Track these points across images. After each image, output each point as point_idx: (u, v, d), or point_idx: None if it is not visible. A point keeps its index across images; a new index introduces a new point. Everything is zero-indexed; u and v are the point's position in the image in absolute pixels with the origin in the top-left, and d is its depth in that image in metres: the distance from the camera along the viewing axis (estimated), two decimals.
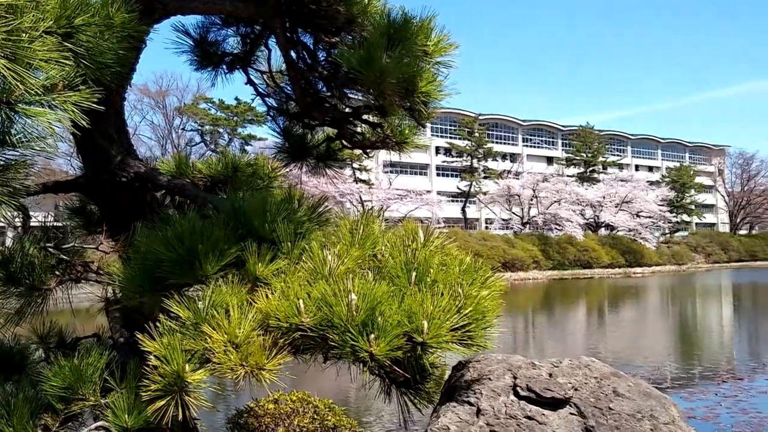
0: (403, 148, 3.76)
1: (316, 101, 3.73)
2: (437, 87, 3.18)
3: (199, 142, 58.91)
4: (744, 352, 16.02)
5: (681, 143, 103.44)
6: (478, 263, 2.82)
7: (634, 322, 24.25)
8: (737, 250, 77.59)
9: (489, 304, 2.62)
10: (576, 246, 61.40)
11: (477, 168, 70.64)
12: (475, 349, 2.65)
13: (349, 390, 10.21)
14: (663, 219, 72.67)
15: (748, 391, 10.41)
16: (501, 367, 2.79)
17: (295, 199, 3.08)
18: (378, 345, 2.33)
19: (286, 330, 2.49)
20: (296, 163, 4.21)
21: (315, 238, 2.80)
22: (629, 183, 72.58)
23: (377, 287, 2.40)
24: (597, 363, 2.79)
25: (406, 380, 2.99)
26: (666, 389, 10.23)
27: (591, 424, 2.50)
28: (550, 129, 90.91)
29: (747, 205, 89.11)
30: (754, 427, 8.16)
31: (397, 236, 2.83)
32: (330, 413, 4.66)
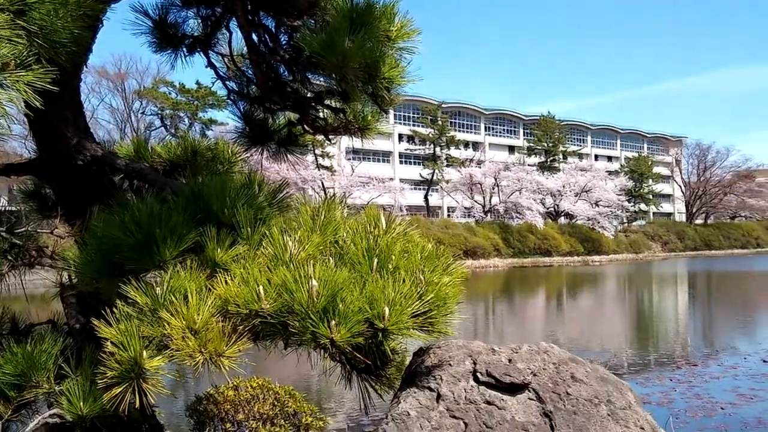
0: (365, 134, 3.74)
1: (277, 85, 3.69)
2: (400, 72, 3.17)
3: (159, 126, 58.05)
4: (698, 339, 16.39)
5: (640, 133, 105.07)
6: (439, 250, 2.83)
7: (591, 309, 24.64)
8: (693, 239, 79.29)
9: (450, 291, 2.63)
10: (536, 234, 62.13)
11: (440, 156, 70.90)
12: (436, 335, 2.65)
13: (311, 377, 10.19)
14: (621, 208, 73.89)
15: (702, 376, 10.66)
16: (461, 352, 2.81)
17: (256, 184, 3.04)
18: (339, 331, 2.31)
19: (246, 316, 2.46)
20: (257, 148, 4.16)
21: (276, 223, 2.77)
22: (589, 172, 73.57)
23: (338, 273, 2.39)
24: (555, 349, 2.82)
25: (368, 366, 2.98)
26: (623, 375, 10.43)
27: (549, 409, 2.53)
28: (512, 118, 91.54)
29: (703, 195, 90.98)
30: (706, 412, 8.36)
31: (359, 223, 2.82)
32: (290, 399, 4.64)
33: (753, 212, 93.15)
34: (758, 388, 9.61)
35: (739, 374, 10.71)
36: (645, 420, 2.66)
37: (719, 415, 8.19)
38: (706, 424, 7.78)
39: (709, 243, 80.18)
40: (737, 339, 15.62)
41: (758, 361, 11.89)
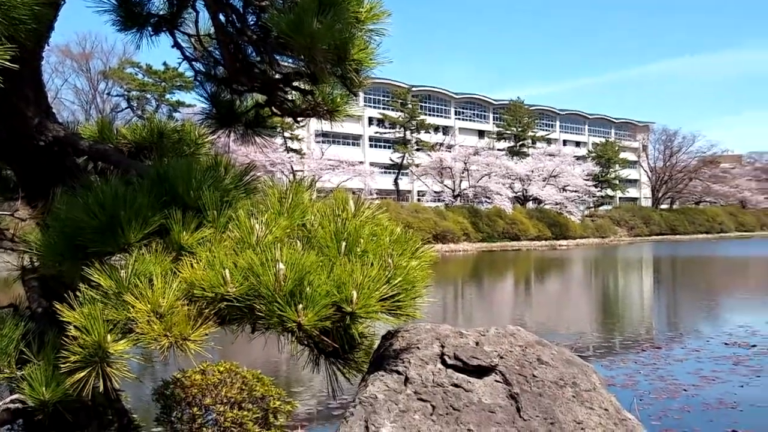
0: (334, 117, 3.71)
1: (245, 66, 3.64)
2: (369, 55, 3.14)
3: (126, 108, 57.14)
4: (662, 322, 16.68)
5: (607, 119, 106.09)
6: (408, 234, 2.82)
7: (558, 293, 24.94)
8: (658, 224, 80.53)
9: (418, 274, 2.63)
10: (505, 219, 62.63)
11: (410, 140, 70.92)
12: (404, 319, 2.66)
13: (280, 361, 10.18)
14: (588, 193, 74.72)
15: (666, 359, 10.85)
16: (429, 336, 2.81)
17: (222, 166, 3.00)
18: (306, 315, 2.30)
19: (212, 300, 2.44)
20: (224, 130, 4.10)
21: (242, 206, 2.74)
22: (557, 157, 74.26)
23: (306, 257, 2.37)
24: (522, 332, 2.84)
25: (335, 350, 2.98)
26: (588, 358, 10.58)
27: (515, 391, 2.55)
28: (482, 103, 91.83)
29: (669, 180, 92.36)
30: (670, 393, 8.52)
31: (327, 206, 2.80)
32: (258, 383, 4.63)
33: (717, 198, 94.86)
34: (720, 371, 9.82)
35: (702, 357, 10.93)
36: (609, 402, 2.69)
37: (682, 397, 8.35)
38: (670, 406, 7.93)
39: (674, 228, 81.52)
40: (700, 323, 15.93)
41: (720, 344, 12.14)
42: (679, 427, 7.05)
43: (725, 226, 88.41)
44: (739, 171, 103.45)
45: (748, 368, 9.95)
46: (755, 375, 9.48)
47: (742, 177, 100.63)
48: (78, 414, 3.01)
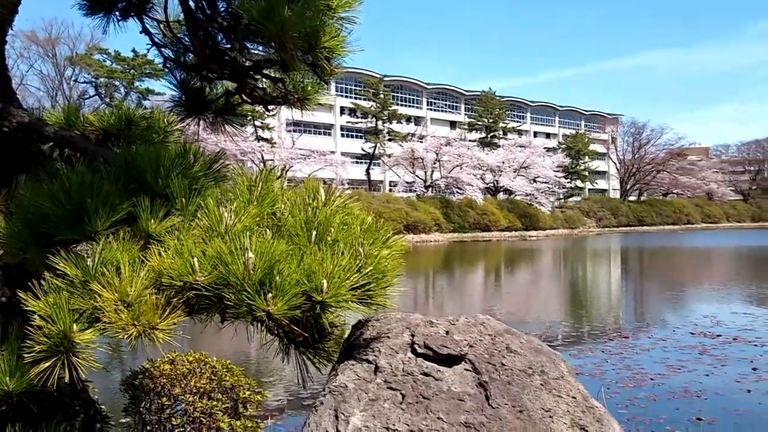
0: (305, 105, 3.68)
1: (215, 53, 3.59)
2: (340, 42, 3.12)
3: (94, 95, 56.25)
4: (630, 312, 16.91)
5: (577, 111, 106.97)
6: (379, 223, 2.82)
7: (528, 283, 25.15)
8: (626, 215, 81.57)
9: (389, 264, 2.63)
10: (476, 209, 62.98)
11: (382, 130, 70.87)
12: (374, 308, 2.65)
13: (250, 351, 10.14)
14: (558, 184, 75.40)
15: (633, 348, 11.01)
16: (400, 325, 2.82)
17: (191, 154, 2.96)
18: (276, 304, 2.29)
19: (180, 289, 2.41)
20: (194, 118, 4.05)
21: (211, 194, 2.71)
22: (527, 149, 74.75)
23: (276, 245, 2.35)
24: (492, 321, 2.86)
25: (306, 340, 2.97)
26: (557, 347, 10.68)
27: (485, 380, 2.57)
28: (453, 93, 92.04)
29: (637, 172, 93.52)
30: (636, 382, 8.64)
31: (297, 195, 2.78)
32: (228, 374, 4.60)
33: (684, 189, 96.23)
34: (685, 360, 9.98)
35: (668, 346, 11.10)
36: (577, 390, 2.72)
37: (648, 386, 8.48)
38: (636, 394, 8.04)
39: (642, 219, 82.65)
40: (667, 312, 16.17)
41: (686, 333, 12.34)
42: (645, 416, 7.16)
43: (692, 217, 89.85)
44: (706, 163, 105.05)
45: (713, 357, 10.13)
46: (720, 364, 9.66)
47: (709, 169, 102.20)
48: (43, 405, 2.97)
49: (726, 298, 18.29)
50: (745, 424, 6.83)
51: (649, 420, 7.00)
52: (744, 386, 8.38)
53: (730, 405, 7.56)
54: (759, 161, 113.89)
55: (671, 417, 7.11)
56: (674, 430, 6.67)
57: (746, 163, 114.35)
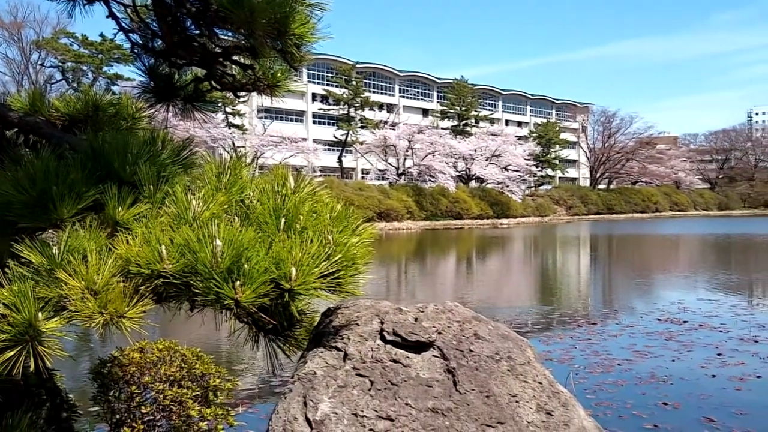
0: (275, 92, 3.66)
1: (183, 39, 3.55)
2: (310, 29, 3.10)
3: (61, 79, 55.26)
4: (598, 299, 17.13)
5: (548, 100, 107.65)
6: (349, 211, 2.82)
7: (499, 270, 25.34)
8: (596, 203, 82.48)
9: (359, 251, 2.63)
10: (448, 197, 63.25)
11: (354, 117, 70.70)
12: (344, 296, 2.66)
13: (221, 339, 10.11)
14: (529, 173, 75.97)
15: (601, 334, 11.16)
16: (369, 312, 2.83)
17: (160, 140, 2.94)
18: (244, 292, 2.28)
19: (148, 277, 2.40)
20: (163, 104, 4.01)
21: (179, 181, 2.70)
22: (499, 137, 75.12)
23: (244, 233, 2.35)
24: (460, 308, 2.88)
25: (275, 327, 2.97)
26: (527, 333, 10.80)
27: (452, 366, 2.59)
28: (426, 81, 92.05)
29: (607, 160, 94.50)
30: (604, 368, 8.77)
31: (266, 182, 2.77)
32: (198, 361, 4.58)
33: (653, 178, 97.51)
34: (652, 346, 10.15)
35: (636, 332, 11.28)
36: (543, 375, 2.76)
37: (616, 371, 8.61)
38: (604, 380, 8.17)
39: (611, 207, 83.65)
40: (635, 299, 16.41)
41: (653, 320, 12.54)
42: (612, 401, 7.27)
43: (660, 205, 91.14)
44: (675, 152, 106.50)
45: (679, 343, 10.31)
46: (686, 350, 9.83)
47: (677, 158, 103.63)
48: (9, 394, 2.94)
49: (692, 285, 18.60)
50: (709, 408, 6.97)
51: (617, 405, 7.12)
52: (709, 371, 8.55)
53: (695, 390, 7.71)
54: (726, 150, 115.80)
55: (638, 402, 7.24)
56: (641, 414, 6.79)
57: (714, 152, 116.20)
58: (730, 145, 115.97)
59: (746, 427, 6.30)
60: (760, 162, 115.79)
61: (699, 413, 6.82)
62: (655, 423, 6.47)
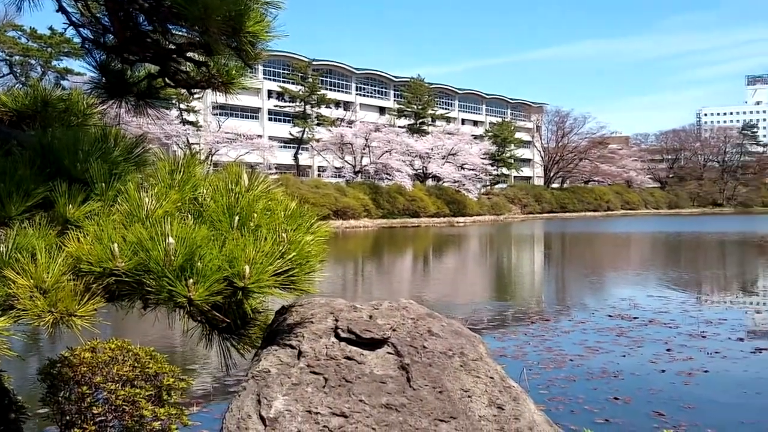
0: (230, 89, 3.64)
1: (136, 35, 3.51)
2: (265, 27, 3.10)
3: (8, 73, 53.79)
4: (551, 295, 17.39)
5: (504, 99, 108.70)
6: (303, 209, 2.82)
7: (455, 268, 25.53)
8: (550, 202, 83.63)
9: (313, 249, 2.64)
10: (405, 196, 63.45)
11: (310, 114, 70.41)
12: (298, 294, 2.67)
13: (175, 340, 10.00)
14: (485, 171, 76.67)
15: (554, 331, 11.34)
16: (323, 310, 2.84)
17: (112, 137, 2.90)
18: (197, 290, 2.28)
19: (100, 275, 2.37)
20: (115, 101, 3.95)
21: (132, 179, 2.67)
22: (455, 136, 75.64)
23: (197, 231, 2.34)
24: (414, 305, 2.91)
25: (229, 326, 2.96)
26: (481, 331, 10.92)
27: (406, 362, 2.62)
28: (382, 79, 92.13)
29: (560, 160, 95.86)
30: (557, 364, 8.92)
31: (220, 179, 2.76)
32: (152, 361, 4.53)
33: (605, 177, 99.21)
34: (603, 341, 10.35)
35: (587, 329, 11.49)
36: (495, 370, 2.81)
37: (568, 367, 8.76)
38: (556, 375, 8.30)
39: (565, 206, 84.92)
40: (586, 296, 16.71)
41: (605, 316, 12.78)
42: (564, 396, 7.40)
43: (612, 204, 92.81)
44: (626, 152, 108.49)
45: (629, 339, 10.54)
46: (636, 345, 10.05)
47: (629, 158, 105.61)
48: None
49: (642, 282, 19.00)
50: (659, 402, 7.14)
51: (569, 400, 7.25)
52: (658, 366, 8.75)
53: (645, 384, 7.89)
54: (676, 150, 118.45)
55: (589, 397, 7.38)
56: (592, 409, 6.92)
57: (664, 151, 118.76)
58: (680, 145, 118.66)
59: (694, 421, 6.47)
60: (709, 162, 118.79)
61: (649, 407, 6.98)
62: (606, 417, 6.61)
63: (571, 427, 5.41)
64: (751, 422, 6.49)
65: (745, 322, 12.66)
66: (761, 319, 13.20)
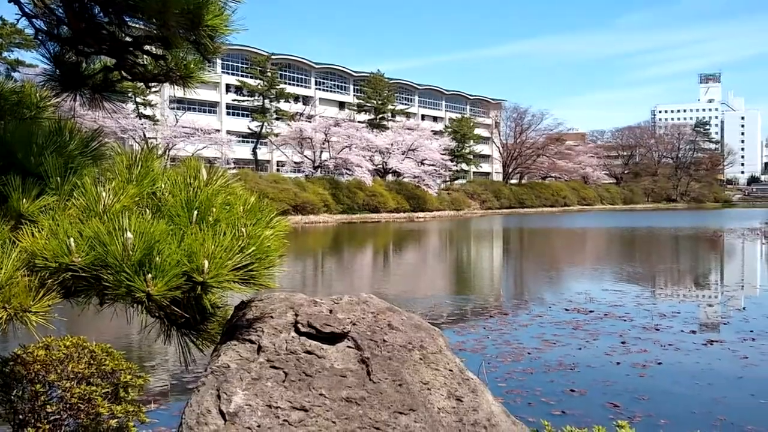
0: (188, 83, 3.59)
1: (91, 27, 3.45)
2: (224, 21, 3.07)
3: None
4: (510, 290, 17.58)
5: (463, 95, 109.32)
6: (263, 203, 2.82)
7: (416, 263, 25.63)
8: (508, 197, 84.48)
9: (273, 244, 2.64)
10: (365, 191, 63.45)
11: (269, 109, 69.91)
12: (258, 289, 2.66)
13: (133, 336, 9.87)
14: (444, 167, 77.06)
15: (512, 324, 11.48)
16: (283, 305, 2.84)
17: (67, 131, 2.86)
18: (156, 285, 2.26)
19: (56, 270, 2.33)
20: (70, 93, 3.88)
21: (89, 173, 2.63)
22: (415, 132, 75.86)
23: (155, 226, 2.32)
24: (375, 299, 2.93)
25: (187, 321, 2.94)
26: (441, 325, 11.00)
27: (366, 356, 2.64)
28: (342, 74, 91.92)
29: (518, 156, 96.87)
30: (515, 357, 9.04)
31: (179, 174, 2.74)
32: (108, 358, 4.47)
33: (562, 173, 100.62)
34: (560, 335, 10.51)
35: (545, 322, 11.66)
36: (454, 363, 2.84)
37: (526, 359, 8.89)
38: (514, 368, 8.41)
39: (523, 201, 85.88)
40: (544, 290, 16.94)
41: (561, 310, 12.98)
42: (522, 388, 7.50)
43: (568, 200, 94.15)
44: (583, 148, 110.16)
45: (585, 332, 10.72)
46: (592, 338, 10.23)
47: (585, 154, 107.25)
48: None
49: (598, 277, 19.33)
50: (614, 394, 7.29)
51: (526, 392, 7.36)
52: (613, 359, 8.93)
53: (600, 376, 8.04)
54: (631, 147, 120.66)
55: (546, 389, 7.50)
56: (549, 401, 7.04)
57: (620, 148, 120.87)
58: (635, 141, 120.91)
59: (648, 412, 6.63)
60: (663, 158, 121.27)
61: (604, 399, 7.12)
62: (562, 409, 6.72)
63: (529, 419, 5.49)
64: (703, 412, 6.67)
65: (698, 315, 12.98)
66: (713, 313, 13.55)
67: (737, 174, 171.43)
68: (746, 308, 13.30)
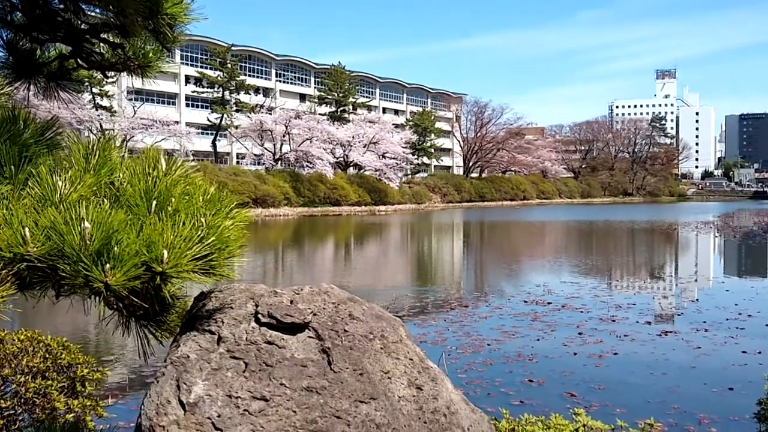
0: (146, 73, 3.54)
1: (46, 14, 3.38)
2: (184, 10, 3.04)
3: None
4: (470, 282, 17.73)
5: (424, 89, 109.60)
6: (223, 194, 2.80)
7: (377, 256, 25.68)
8: (469, 191, 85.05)
9: (233, 234, 2.62)
10: (326, 184, 63.29)
11: (229, 100, 69.21)
12: (217, 279, 2.65)
13: (90, 328, 9.72)
14: (406, 160, 77.23)
15: (472, 317, 11.59)
16: (243, 295, 2.83)
17: (21, 119, 2.80)
18: (114, 275, 2.23)
19: (10, 261, 2.29)
20: (23, 82, 3.80)
21: (44, 162, 2.59)
22: (377, 125, 75.85)
23: (114, 215, 2.29)
24: (336, 290, 2.94)
25: (146, 312, 2.91)
26: (402, 317, 11.04)
27: (327, 346, 2.64)
28: (303, 66, 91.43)
29: (479, 150, 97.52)
30: (475, 348, 9.13)
31: (137, 164, 2.70)
32: (64, 351, 4.40)
33: (522, 167, 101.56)
34: (519, 326, 10.64)
35: (504, 314, 11.79)
36: (414, 352, 2.87)
37: (486, 351, 8.99)
38: (475, 359, 8.50)
39: (483, 195, 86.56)
40: (503, 282, 17.12)
41: (520, 302, 13.14)
42: (482, 379, 7.59)
43: (528, 193, 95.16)
44: (542, 143, 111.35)
45: (543, 323, 10.88)
46: (550, 330, 10.38)
47: (544, 148, 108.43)
48: None
49: (556, 269, 19.60)
50: (571, 384, 7.41)
51: (486, 383, 7.44)
52: (571, 349, 9.08)
53: (558, 367, 8.17)
54: (589, 141, 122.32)
55: (506, 380, 7.60)
56: (508, 391, 7.13)
57: (578, 142, 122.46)
58: (593, 136, 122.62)
59: (605, 401, 6.75)
60: (620, 153, 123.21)
61: (562, 389, 7.23)
62: (521, 399, 6.82)
63: (488, 409, 5.55)
64: (657, 401, 6.82)
65: (653, 306, 13.26)
66: (667, 304, 13.85)
67: (692, 168, 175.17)
68: (699, 300, 13.63)
